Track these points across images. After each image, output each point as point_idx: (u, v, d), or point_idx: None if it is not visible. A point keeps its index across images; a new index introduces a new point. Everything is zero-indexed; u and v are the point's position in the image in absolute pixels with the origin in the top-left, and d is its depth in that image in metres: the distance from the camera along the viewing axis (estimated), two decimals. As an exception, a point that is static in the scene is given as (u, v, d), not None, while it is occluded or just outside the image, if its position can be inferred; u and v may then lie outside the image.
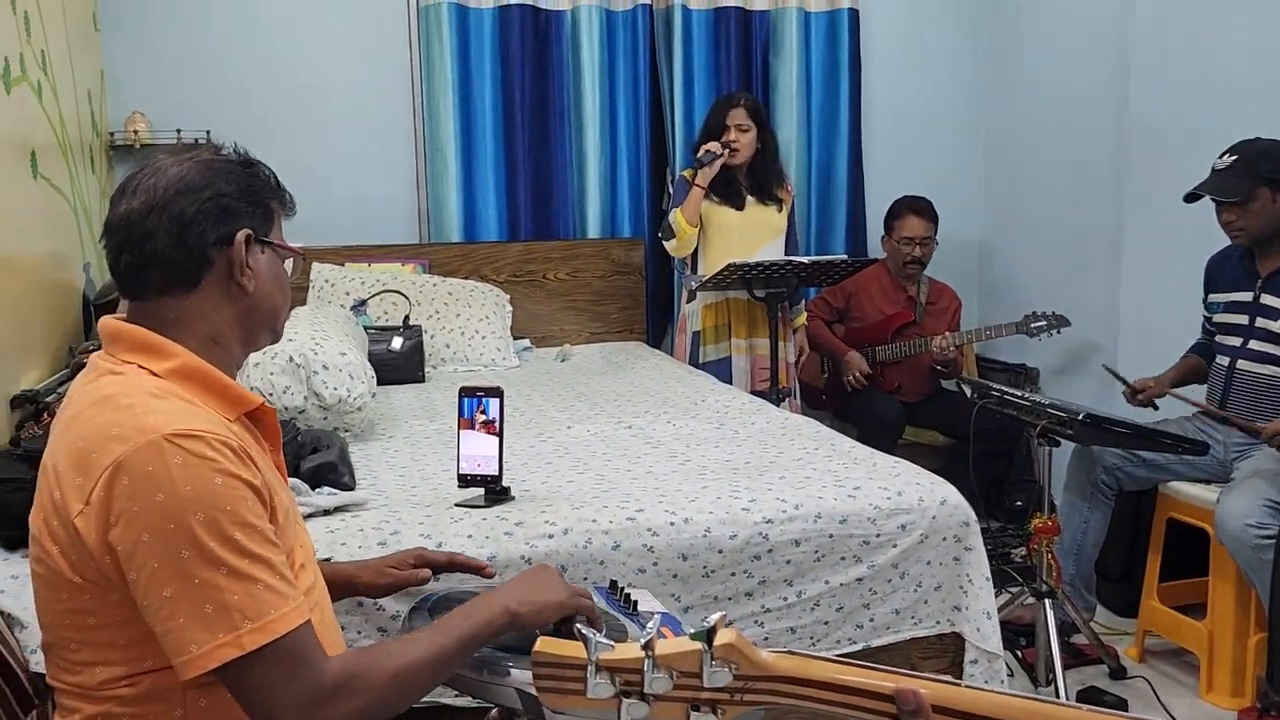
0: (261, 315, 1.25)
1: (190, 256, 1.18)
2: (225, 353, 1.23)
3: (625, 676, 0.82)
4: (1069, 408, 2.49)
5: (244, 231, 1.20)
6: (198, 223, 1.18)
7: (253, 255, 1.21)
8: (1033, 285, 4.21)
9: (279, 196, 1.28)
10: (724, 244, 3.52)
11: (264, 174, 1.27)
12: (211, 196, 1.19)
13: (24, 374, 2.44)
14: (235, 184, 1.22)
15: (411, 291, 3.56)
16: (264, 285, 1.23)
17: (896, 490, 1.99)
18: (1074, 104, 3.89)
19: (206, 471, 1.06)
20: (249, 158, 1.28)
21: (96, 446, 1.07)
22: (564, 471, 2.18)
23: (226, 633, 1.03)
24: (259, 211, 1.23)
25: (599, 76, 3.98)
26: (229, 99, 3.76)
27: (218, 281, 1.20)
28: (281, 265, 1.27)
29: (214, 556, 1.04)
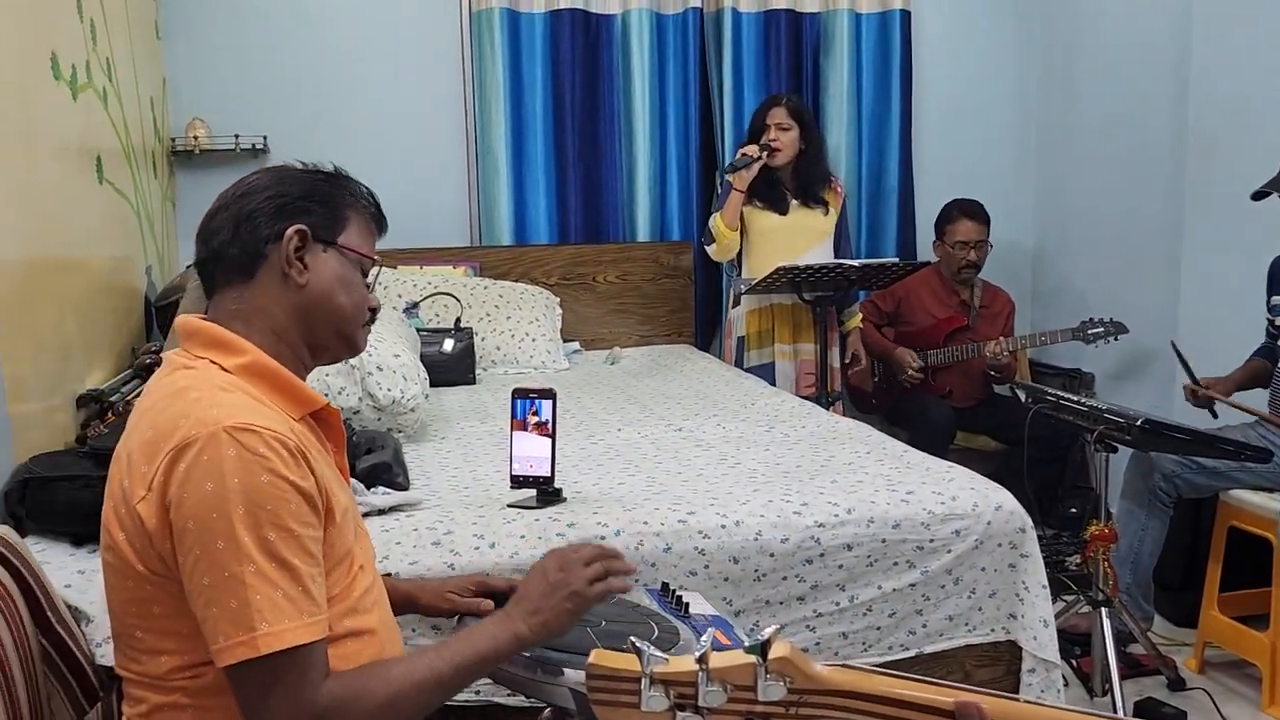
0: (320, 315, 1.26)
1: (244, 249, 1.23)
2: (290, 350, 1.25)
3: (679, 689, 0.82)
4: (1126, 412, 2.45)
5: (294, 227, 1.23)
6: (254, 219, 1.24)
7: (310, 253, 1.24)
8: (1088, 289, 4.15)
9: (361, 208, 1.31)
10: (767, 249, 3.50)
11: (344, 186, 1.30)
12: (272, 196, 1.25)
13: (89, 374, 2.50)
14: (301, 187, 1.26)
15: (463, 294, 3.60)
16: (321, 283, 1.25)
17: (951, 495, 1.97)
18: (1130, 102, 3.83)
19: (256, 468, 1.08)
20: (338, 173, 1.33)
21: (163, 435, 1.11)
22: (615, 473, 2.19)
23: (245, 632, 1.05)
24: (324, 213, 1.26)
25: (649, 80, 3.99)
26: (285, 104, 3.82)
27: (272, 274, 1.23)
28: (351, 271, 1.28)
29: (245, 553, 1.06)
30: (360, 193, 1.33)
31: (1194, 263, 3.52)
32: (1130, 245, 3.88)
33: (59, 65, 2.35)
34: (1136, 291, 3.84)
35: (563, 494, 1.98)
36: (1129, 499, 2.94)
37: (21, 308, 2.07)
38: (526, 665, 1.31)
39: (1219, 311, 3.44)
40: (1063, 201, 4.30)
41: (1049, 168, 4.37)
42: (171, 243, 3.71)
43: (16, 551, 1.46)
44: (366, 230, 1.31)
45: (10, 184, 2.02)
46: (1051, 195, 4.37)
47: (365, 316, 1.32)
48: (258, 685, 1.07)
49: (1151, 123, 3.72)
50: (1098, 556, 2.67)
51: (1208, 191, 3.44)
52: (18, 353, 2.03)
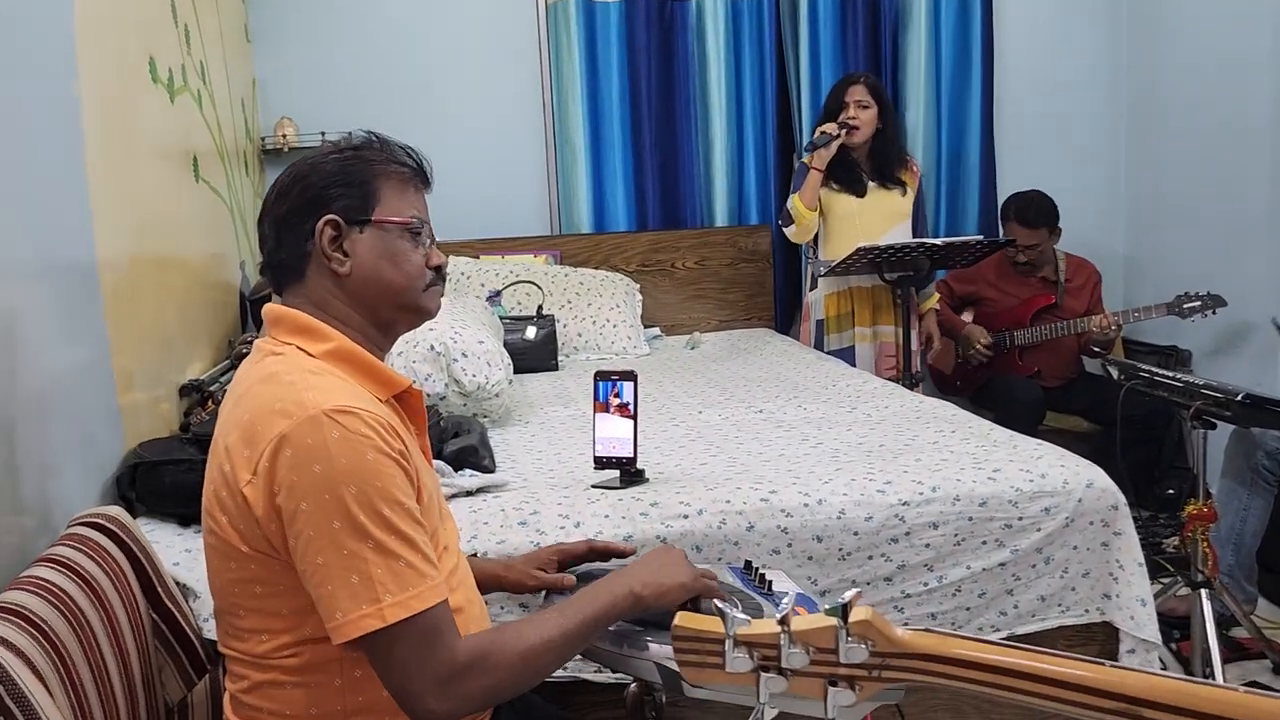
0: (375, 295, 1.27)
1: (290, 253, 1.27)
2: (362, 335, 1.28)
3: (763, 651, 0.83)
4: (1225, 387, 2.37)
5: (324, 219, 1.23)
6: (290, 220, 1.26)
7: (348, 238, 1.25)
8: (1183, 261, 4.01)
9: (395, 171, 1.28)
10: (845, 232, 3.47)
11: (371, 154, 1.28)
12: (300, 191, 1.26)
13: (190, 365, 2.60)
14: (326, 172, 1.25)
15: (544, 282, 3.65)
16: (365, 266, 1.25)
17: (1040, 473, 1.94)
18: (1228, 65, 3.68)
19: (361, 447, 1.12)
20: (364, 139, 1.31)
21: (262, 420, 1.14)
22: (696, 454, 2.20)
23: (370, 604, 1.08)
24: (353, 193, 1.25)
25: (724, 64, 3.98)
26: (369, 102, 3.91)
27: (320, 269, 1.26)
28: (396, 241, 1.27)
29: (363, 529, 1.09)
30: (393, 155, 1.30)
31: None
32: (1228, 216, 3.74)
33: (157, 69, 2.45)
34: (1235, 264, 3.71)
35: (645, 474, 2.00)
36: (1230, 477, 2.85)
37: (129, 303, 2.16)
38: (613, 640, 1.33)
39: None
40: (1156, 170, 4.15)
41: (1142, 140, 4.23)
42: (264, 239, 3.83)
43: (128, 530, 1.54)
44: (405, 192, 1.29)
45: (117, 184, 2.12)
46: (1144, 164, 4.23)
47: (426, 280, 1.30)
48: (397, 653, 1.10)
49: (1252, 87, 3.58)
50: (1196, 537, 2.58)
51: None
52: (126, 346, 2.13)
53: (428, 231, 1.33)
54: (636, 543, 1.77)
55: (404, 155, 1.34)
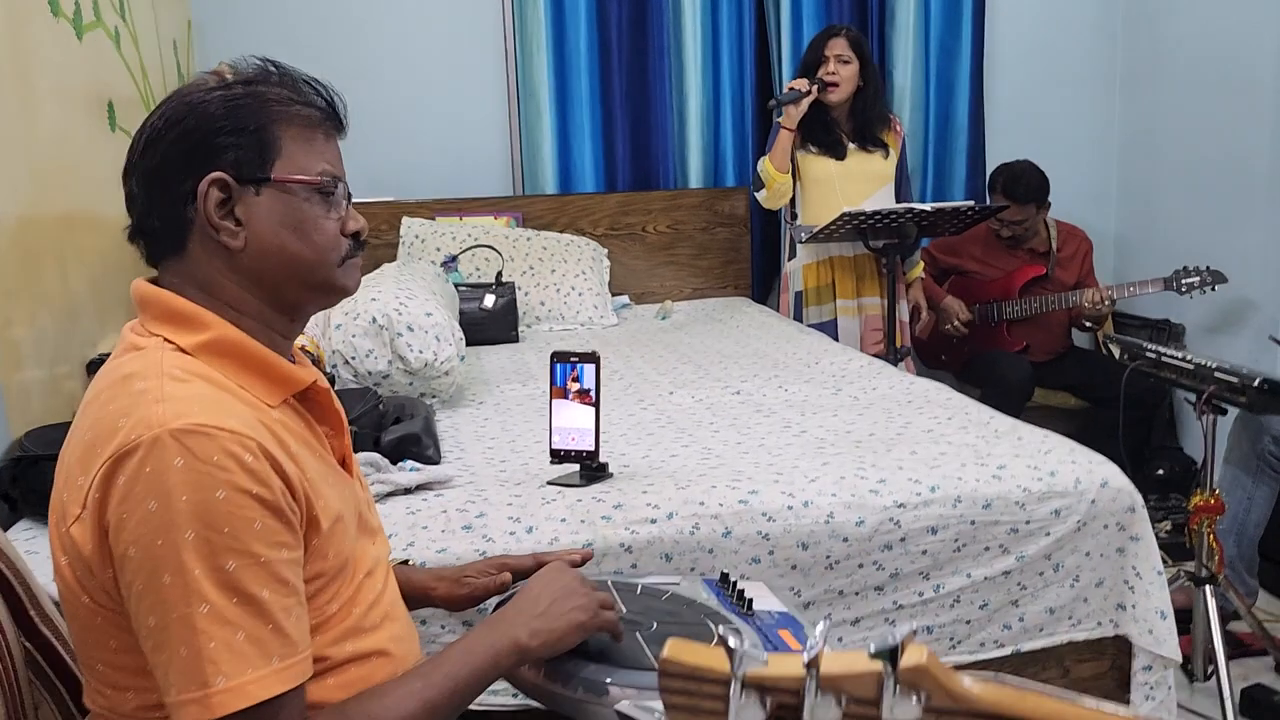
0: (276, 272, 1.01)
1: (164, 219, 1.00)
2: (255, 321, 1.03)
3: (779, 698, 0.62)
4: (1241, 371, 2.17)
5: (209, 178, 0.98)
6: (162, 177, 0.99)
7: (241, 201, 0.99)
8: (1178, 232, 3.81)
9: (297, 113, 1.02)
10: (823, 197, 3.23)
11: (267, 93, 1.01)
12: (177, 139, 0.98)
13: (103, 337, 2.34)
14: (210, 114, 0.98)
15: (504, 246, 3.39)
16: (263, 237, 1.00)
17: (1049, 470, 1.73)
18: (1230, 32, 3.46)
19: (210, 481, 0.87)
20: (257, 68, 1.04)
21: (101, 439, 0.90)
22: (666, 444, 1.98)
23: (197, 688, 0.85)
24: (246, 143, 0.99)
25: (700, 11, 3.71)
26: (316, 45, 3.60)
27: (204, 239, 1.00)
28: (301, 204, 1.01)
29: (196, 589, 0.85)
30: (296, 92, 1.03)
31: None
32: (1227, 186, 3.54)
33: (58, 1, 2.16)
34: (1234, 235, 3.52)
35: (608, 469, 1.78)
36: (1234, 464, 2.67)
37: (20, 267, 1.90)
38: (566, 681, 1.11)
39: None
40: (1151, 138, 3.94)
41: (1136, 102, 4.01)
42: (201, 195, 3.54)
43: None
44: (312, 140, 1.03)
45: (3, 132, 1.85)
46: (1138, 131, 4.01)
47: (341, 251, 1.05)
48: None
49: (1254, 55, 3.36)
50: (1202, 529, 2.40)
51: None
52: (16, 316, 1.87)
53: (343, 190, 1.07)
54: (598, 552, 1.55)
55: (310, 92, 1.06)
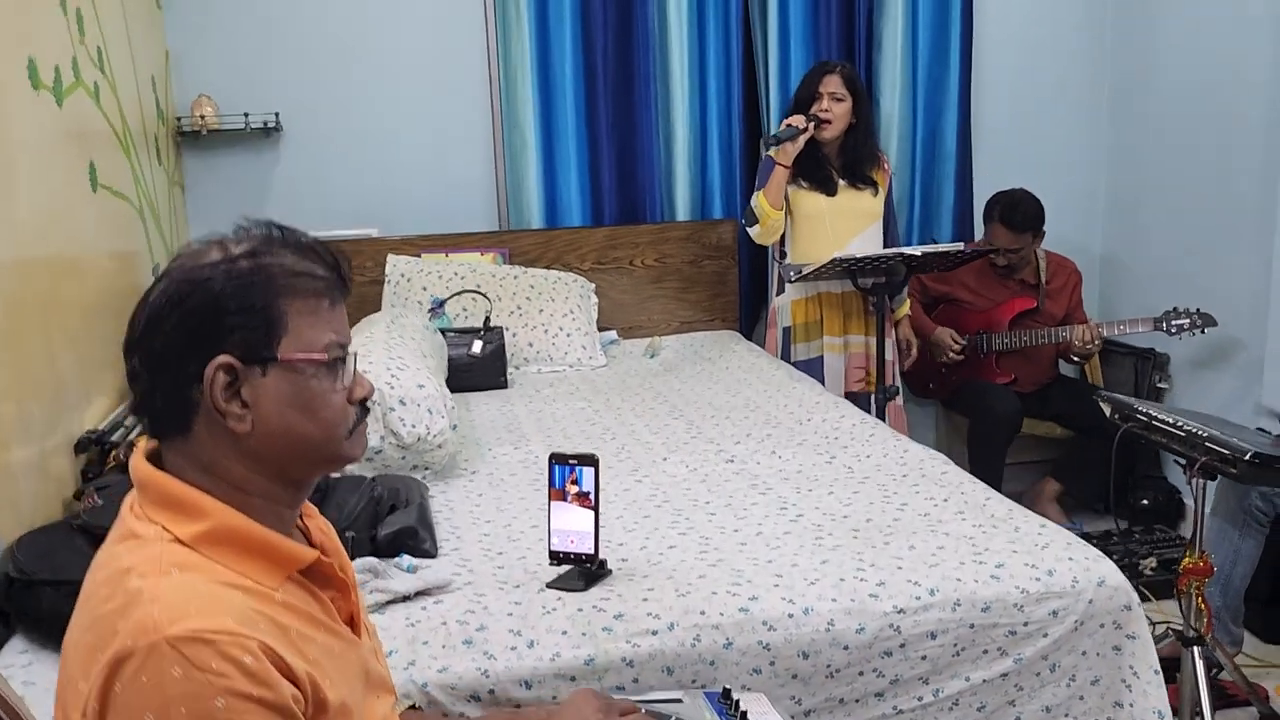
0: (284, 453, 1.00)
1: (168, 400, 0.98)
2: (261, 500, 1.01)
3: None
4: (1231, 443, 2.18)
5: (215, 363, 0.96)
6: (165, 360, 0.97)
7: (247, 383, 0.97)
8: (1165, 263, 3.83)
9: (304, 286, 1.00)
10: (814, 233, 3.23)
11: (271, 265, 1.00)
12: (181, 320, 0.96)
13: (90, 405, 2.31)
14: (214, 294, 0.97)
15: (491, 286, 3.36)
16: (271, 419, 0.98)
17: (1047, 569, 1.74)
18: (1219, 69, 3.45)
19: (209, 690, 0.86)
20: (260, 236, 1.02)
21: (100, 642, 0.89)
22: (663, 529, 1.97)
23: None
24: (252, 324, 0.97)
25: (687, 40, 3.67)
26: (297, 77, 3.55)
27: (210, 422, 0.98)
28: (308, 381, 1.00)
29: None
30: (301, 261, 1.02)
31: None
32: (1216, 225, 3.54)
33: (38, 72, 2.10)
34: (1221, 275, 3.52)
35: (606, 566, 1.77)
36: (1221, 516, 2.70)
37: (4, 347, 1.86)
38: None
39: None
40: (1138, 173, 3.94)
41: (1124, 135, 4.01)
42: (182, 231, 3.49)
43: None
44: (318, 310, 1.01)
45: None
46: (1126, 165, 4.01)
47: (350, 420, 1.04)
48: None
49: (1241, 87, 3.36)
50: (1191, 591, 2.43)
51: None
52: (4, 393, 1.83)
53: (351, 358, 1.05)
54: (599, 667, 1.54)
55: (315, 258, 1.04)
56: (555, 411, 2.84)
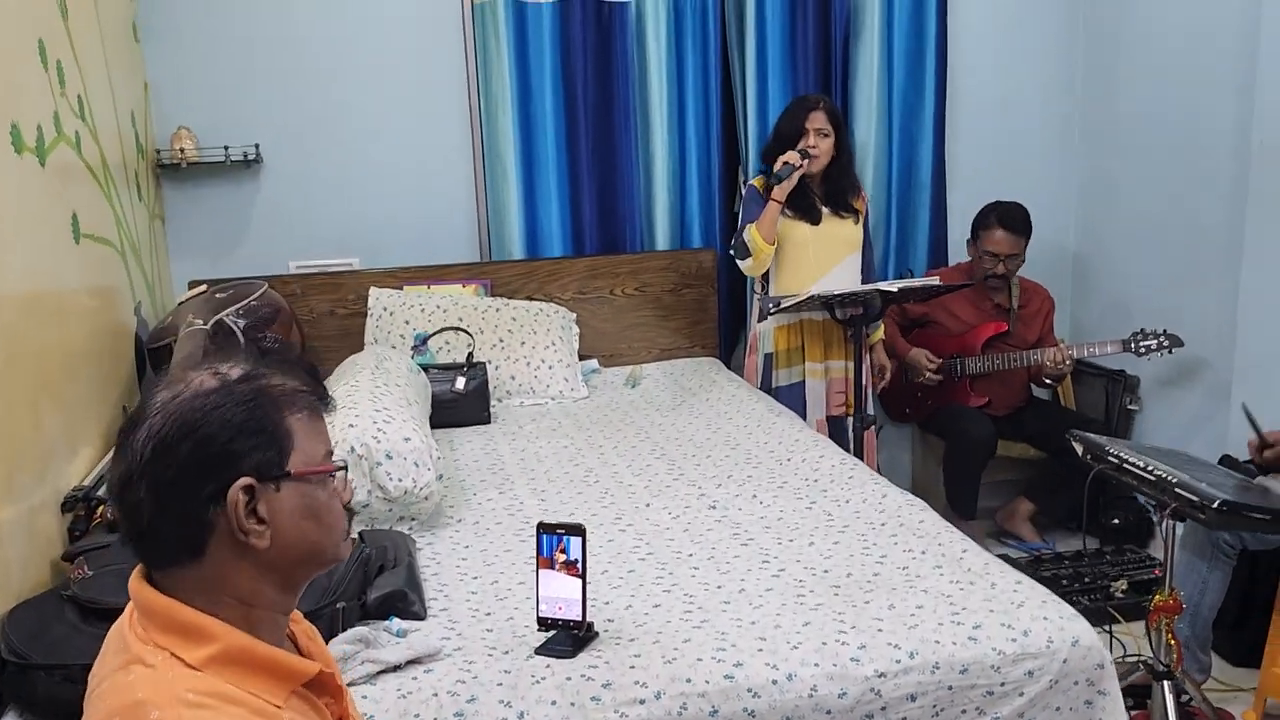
0: (295, 561, 1.05)
1: (182, 525, 1.01)
2: (266, 611, 1.05)
3: None
4: (1200, 490, 2.24)
5: (239, 484, 1.00)
6: (180, 486, 1.00)
7: (264, 500, 1.01)
8: (1135, 291, 3.90)
9: (301, 402, 1.06)
10: (797, 260, 3.31)
11: (273, 387, 1.04)
12: (195, 448, 0.99)
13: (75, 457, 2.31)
14: (225, 421, 1.00)
15: (474, 319, 3.38)
16: (287, 532, 1.03)
17: (1023, 629, 1.79)
18: (1186, 99, 3.53)
19: None
20: (258, 367, 1.06)
21: None
22: (648, 585, 2.01)
23: None
24: (265, 441, 1.02)
25: (666, 71, 3.70)
26: (277, 109, 3.56)
27: (225, 544, 1.01)
28: (316, 491, 1.05)
29: None
30: (292, 379, 1.07)
31: (1257, 268, 3.27)
32: (1184, 249, 3.62)
33: (21, 135, 2.11)
34: (1190, 298, 3.61)
35: (594, 629, 1.81)
36: (1189, 550, 2.76)
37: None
38: None
39: None
40: (1109, 199, 4.01)
41: (1094, 163, 4.07)
42: (162, 264, 3.49)
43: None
44: (316, 425, 1.07)
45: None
46: (1096, 192, 4.08)
47: (344, 525, 1.10)
48: None
49: (1210, 123, 3.43)
50: (1161, 628, 2.50)
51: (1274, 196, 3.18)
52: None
53: (344, 472, 1.11)
54: (588, 737, 1.58)
55: (300, 373, 1.10)
56: (539, 450, 2.87)
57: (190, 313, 2.98)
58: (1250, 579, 2.92)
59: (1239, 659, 3.00)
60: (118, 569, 1.70)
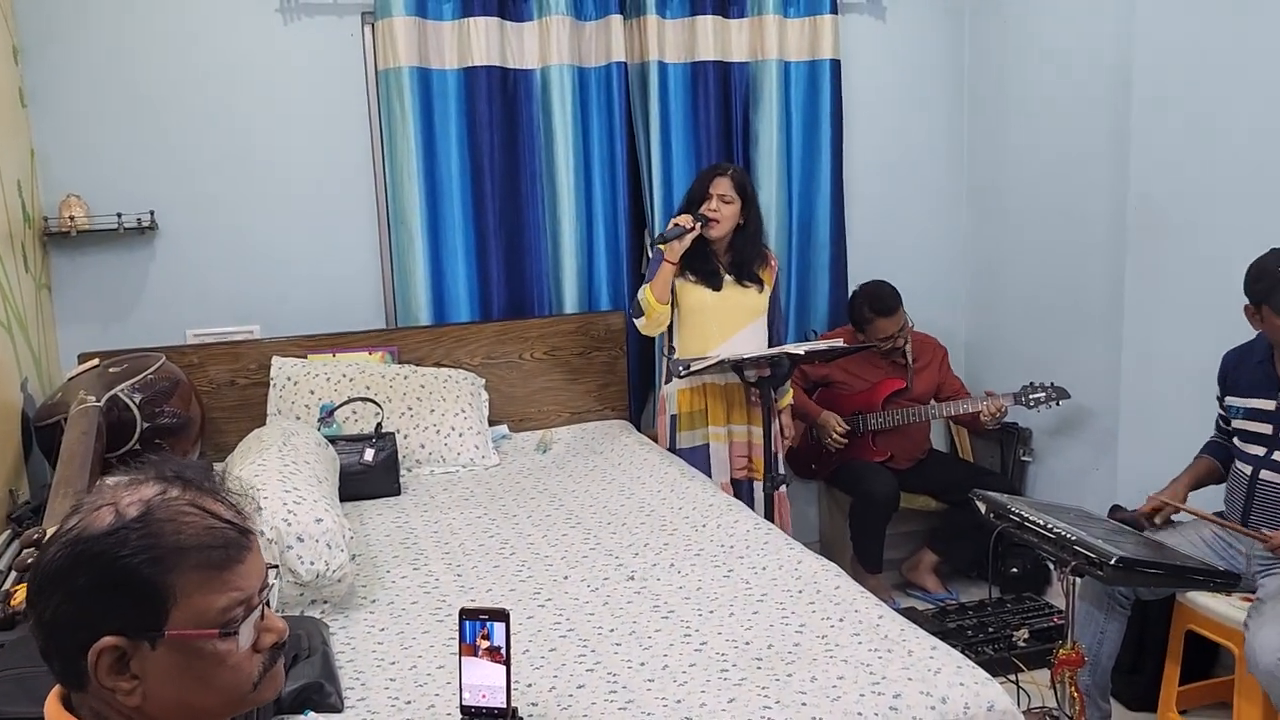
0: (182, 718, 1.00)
1: (62, 663, 0.98)
2: None
3: None
4: (1097, 548, 2.34)
5: (99, 645, 0.95)
6: (55, 631, 0.97)
7: (138, 658, 0.96)
8: (1024, 343, 4.09)
9: (202, 550, 0.97)
10: (699, 326, 3.35)
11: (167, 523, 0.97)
12: (65, 599, 0.96)
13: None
14: (101, 570, 0.95)
15: (381, 387, 3.33)
16: (162, 693, 0.97)
17: (940, 697, 1.83)
18: (1067, 163, 3.74)
19: None
20: (161, 496, 0.99)
21: None
22: (570, 664, 1.99)
23: None
24: (138, 600, 0.95)
25: (572, 139, 3.74)
26: (174, 175, 3.47)
27: (101, 691, 0.98)
28: (204, 648, 0.97)
29: None
30: (194, 527, 0.98)
31: (1136, 328, 3.46)
32: (1070, 304, 3.82)
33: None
34: (1076, 353, 3.79)
35: (518, 714, 1.78)
36: (1087, 601, 2.87)
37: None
38: None
39: (1162, 375, 3.40)
40: (997, 259, 4.21)
41: (983, 224, 4.28)
42: (50, 336, 3.35)
43: None
44: (220, 574, 0.98)
45: None
46: (985, 252, 4.28)
47: (255, 673, 1.02)
48: None
49: (1089, 186, 3.64)
50: (1065, 681, 2.58)
51: (1150, 255, 3.39)
52: None
53: (258, 604, 1.03)
54: (517, 832, 1.55)
55: (217, 508, 1.02)
56: (451, 522, 2.83)
57: (81, 388, 2.87)
58: (1143, 626, 3.05)
59: (1135, 704, 3.12)
60: (16, 674, 1.61)
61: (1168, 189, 3.30)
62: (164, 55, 3.42)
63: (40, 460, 2.95)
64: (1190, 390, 3.17)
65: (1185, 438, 3.01)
